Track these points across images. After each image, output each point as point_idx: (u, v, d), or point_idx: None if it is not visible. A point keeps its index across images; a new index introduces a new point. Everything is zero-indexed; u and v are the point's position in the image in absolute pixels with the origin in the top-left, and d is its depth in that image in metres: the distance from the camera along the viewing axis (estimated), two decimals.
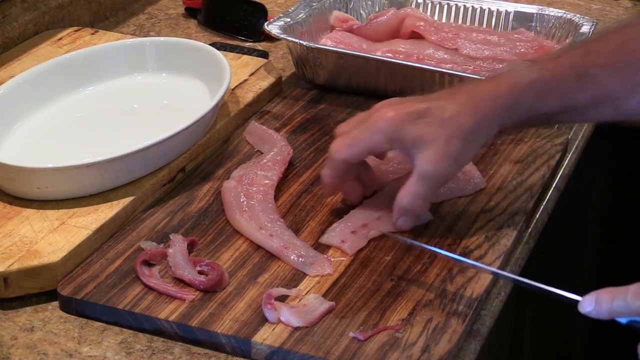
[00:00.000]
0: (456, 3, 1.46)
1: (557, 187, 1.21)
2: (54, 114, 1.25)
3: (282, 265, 1.03)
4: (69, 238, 1.03)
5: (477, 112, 1.02)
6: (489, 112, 1.02)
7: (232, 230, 1.08)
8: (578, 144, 1.29)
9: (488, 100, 1.03)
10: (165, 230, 1.08)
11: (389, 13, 1.43)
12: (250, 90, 1.32)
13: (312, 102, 1.33)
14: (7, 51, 1.41)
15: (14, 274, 0.99)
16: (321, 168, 1.10)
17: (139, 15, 1.63)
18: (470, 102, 1.03)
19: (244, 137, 1.25)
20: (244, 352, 0.93)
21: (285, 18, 1.38)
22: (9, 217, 1.07)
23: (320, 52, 1.33)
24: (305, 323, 0.94)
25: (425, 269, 1.02)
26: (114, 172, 1.09)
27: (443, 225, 1.09)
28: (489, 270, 0.99)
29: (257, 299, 0.97)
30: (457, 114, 1.02)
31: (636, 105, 1.04)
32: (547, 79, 1.03)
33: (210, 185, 1.16)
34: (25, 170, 1.08)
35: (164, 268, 1.02)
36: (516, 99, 1.03)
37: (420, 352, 0.91)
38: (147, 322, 0.96)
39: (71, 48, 1.40)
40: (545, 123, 1.08)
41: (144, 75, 1.33)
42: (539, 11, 1.43)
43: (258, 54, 1.45)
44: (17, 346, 0.94)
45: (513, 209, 1.12)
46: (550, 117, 1.06)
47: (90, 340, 0.95)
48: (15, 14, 1.44)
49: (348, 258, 1.04)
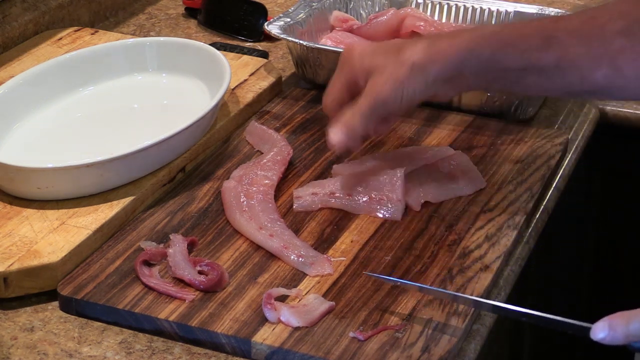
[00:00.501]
0: (456, 3, 1.46)
1: (557, 187, 1.21)
2: (54, 114, 1.25)
3: (282, 265, 1.03)
4: (69, 238, 1.04)
5: (432, 45, 1.05)
6: (444, 48, 1.04)
7: (232, 230, 1.08)
8: (578, 144, 1.29)
9: (446, 40, 1.06)
10: (165, 230, 1.08)
11: (389, 13, 1.43)
12: (250, 90, 1.32)
13: (312, 102, 1.33)
14: (7, 51, 1.41)
15: (14, 274, 0.99)
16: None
17: (139, 15, 1.64)
18: (429, 40, 1.06)
19: (244, 137, 1.25)
20: (244, 352, 0.93)
21: (285, 18, 1.38)
22: (9, 217, 1.07)
23: (320, 52, 1.33)
24: (305, 323, 0.94)
25: (425, 269, 1.02)
26: (114, 172, 1.09)
27: (443, 225, 1.09)
28: (483, 304, 0.96)
29: (257, 299, 0.97)
30: (412, 46, 1.06)
31: (602, 78, 1.04)
32: (511, 33, 1.06)
33: (210, 185, 1.16)
34: (25, 170, 1.08)
35: (164, 268, 1.02)
36: (476, 42, 1.04)
37: (420, 352, 0.91)
38: (147, 322, 0.96)
39: (71, 48, 1.40)
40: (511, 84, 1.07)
41: (144, 75, 1.33)
42: (539, 11, 1.43)
43: (258, 54, 1.45)
44: (17, 346, 0.94)
45: (513, 209, 1.12)
46: (516, 76, 1.06)
47: (90, 340, 0.95)
48: (15, 14, 1.45)
49: (348, 258, 1.04)
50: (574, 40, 1.04)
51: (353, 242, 1.06)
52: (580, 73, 1.05)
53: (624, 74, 1.04)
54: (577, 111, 1.36)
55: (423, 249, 1.05)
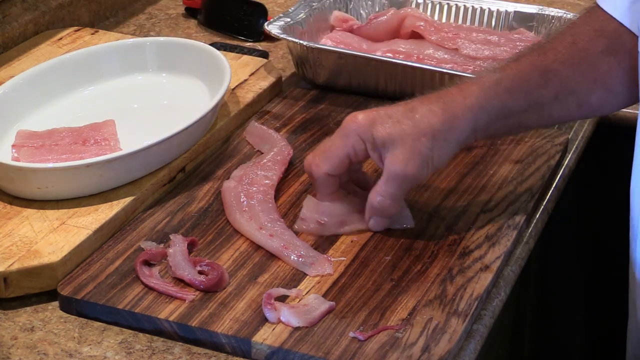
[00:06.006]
0: (456, 3, 1.46)
1: (557, 187, 1.21)
2: (54, 114, 1.25)
3: (282, 265, 1.03)
4: (69, 238, 1.04)
5: (447, 111, 1.02)
6: (458, 110, 1.03)
7: (232, 230, 1.08)
8: (578, 144, 1.29)
9: (458, 99, 1.03)
10: (165, 230, 1.08)
11: (389, 13, 1.43)
12: (250, 90, 1.32)
13: (312, 102, 1.33)
14: (7, 51, 1.41)
15: (14, 274, 0.99)
16: (310, 192, 1.11)
17: (139, 15, 1.64)
18: (441, 103, 1.03)
19: (244, 137, 1.25)
20: (244, 352, 0.93)
21: (285, 18, 1.38)
22: (9, 217, 1.07)
23: (320, 52, 1.33)
24: (305, 323, 0.94)
25: (426, 269, 1.02)
26: (114, 172, 1.09)
27: (443, 225, 1.09)
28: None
29: (257, 299, 0.97)
30: (427, 113, 1.02)
31: (597, 101, 1.07)
32: (512, 77, 1.05)
33: (210, 185, 1.16)
34: (25, 170, 1.08)
35: (164, 268, 1.02)
36: (486, 96, 1.03)
37: (420, 352, 0.91)
38: (147, 322, 0.96)
39: (71, 48, 1.40)
40: (516, 127, 1.08)
41: (144, 75, 1.33)
42: (539, 11, 1.43)
43: (258, 54, 1.45)
44: (17, 346, 0.94)
45: (513, 209, 1.12)
46: (519, 119, 1.07)
47: (90, 340, 0.95)
48: (15, 14, 1.44)
49: (348, 258, 1.04)
50: (567, 69, 1.06)
51: (353, 242, 1.06)
52: (577, 99, 1.07)
53: (615, 92, 1.06)
54: None
55: (423, 249, 1.05)
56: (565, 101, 1.07)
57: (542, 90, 1.05)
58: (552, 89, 1.06)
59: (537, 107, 1.06)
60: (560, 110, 1.08)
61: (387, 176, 1.02)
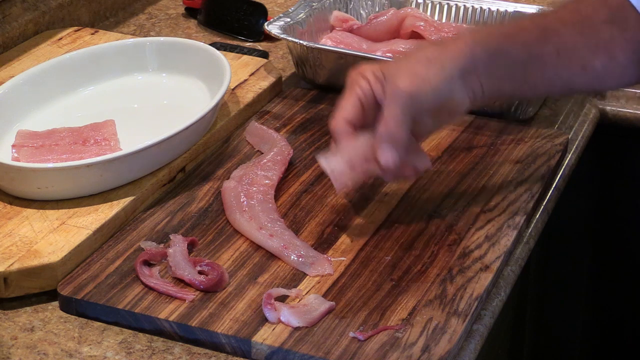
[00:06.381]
0: (456, 3, 1.46)
1: (557, 187, 1.21)
2: (54, 114, 1.25)
3: (282, 265, 1.03)
4: (69, 238, 1.04)
5: (444, 43, 1.07)
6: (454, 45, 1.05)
7: (232, 230, 1.08)
8: (578, 144, 1.29)
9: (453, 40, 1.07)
10: (165, 230, 1.08)
11: (389, 13, 1.43)
12: (250, 90, 1.32)
13: (312, 102, 1.33)
14: (7, 51, 1.41)
15: (14, 274, 0.99)
16: None
17: (139, 15, 1.64)
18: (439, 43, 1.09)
19: (244, 137, 1.25)
20: (244, 352, 0.93)
21: (285, 18, 1.38)
22: (9, 217, 1.07)
23: (320, 52, 1.33)
24: (305, 323, 0.94)
25: (425, 269, 1.02)
26: (114, 172, 1.09)
27: (443, 225, 1.09)
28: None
29: (257, 299, 0.97)
30: (425, 48, 1.07)
31: (601, 67, 1.06)
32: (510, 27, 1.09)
33: (210, 185, 1.16)
34: (25, 170, 1.08)
35: (164, 268, 1.02)
36: (481, 38, 1.05)
37: (420, 352, 0.91)
38: (147, 322, 0.96)
39: (71, 48, 1.40)
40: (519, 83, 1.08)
41: (144, 75, 1.33)
42: (539, 11, 1.43)
43: (258, 54, 1.45)
44: (17, 346, 0.94)
45: (513, 209, 1.12)
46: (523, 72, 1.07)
47: (90, 340, 0.95)
48: (15, 14, 1.45)
49: (348, 258, 1.04)
50: (568, 29, 1.06)
51: (353, 242, 1.06)
52: (581, 62, 1.06)
53: (619, 62, 1.06)
54: (577, 111, 1.36)
55: (423, 249, 1.05)
56: (568, 60, 1.06)
57: (542, 44, 1.05)
58: (552, 45, 1.05)
59: (539, 61, 1.05)
60: (566, 71, 1.07)
61: (389, 99, 1.03)
